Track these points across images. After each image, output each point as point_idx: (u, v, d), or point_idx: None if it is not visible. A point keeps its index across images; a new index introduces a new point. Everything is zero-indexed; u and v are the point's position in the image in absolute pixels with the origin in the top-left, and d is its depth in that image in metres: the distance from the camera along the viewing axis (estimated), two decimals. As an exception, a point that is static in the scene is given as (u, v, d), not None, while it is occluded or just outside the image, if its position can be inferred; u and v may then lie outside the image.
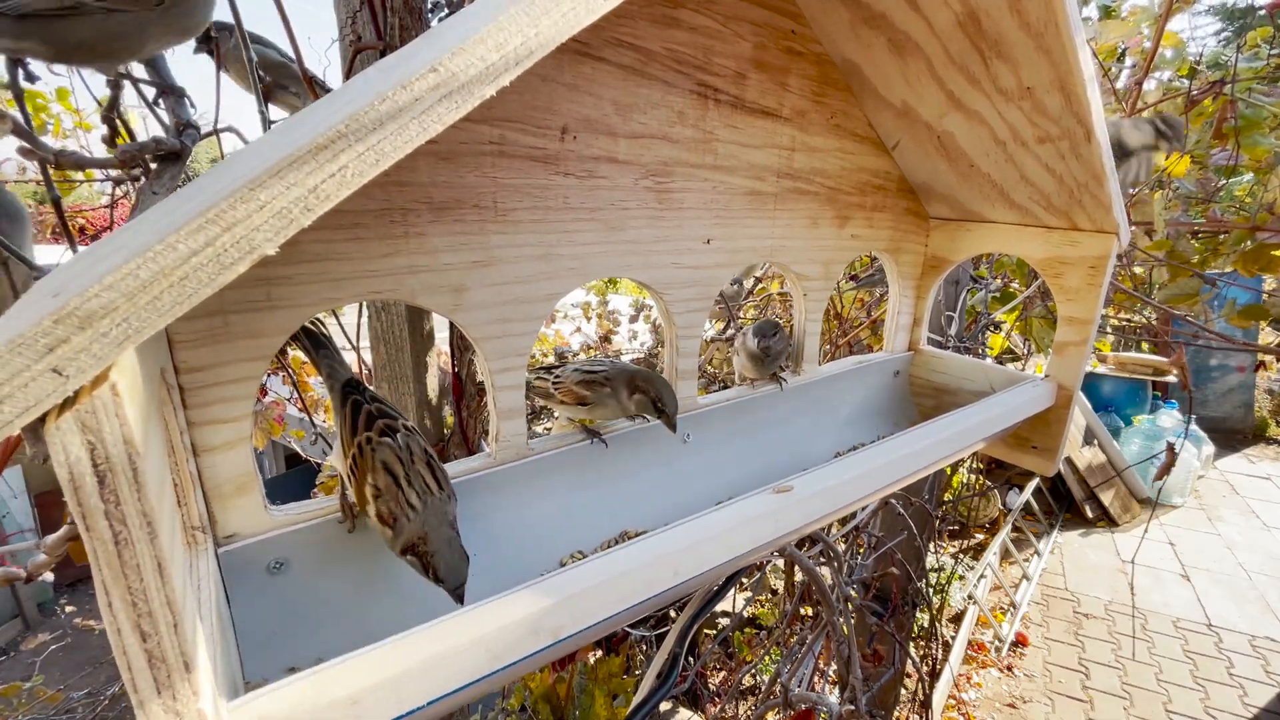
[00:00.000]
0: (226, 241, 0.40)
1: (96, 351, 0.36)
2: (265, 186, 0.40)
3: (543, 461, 1.07)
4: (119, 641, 0.42)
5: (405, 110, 0.44)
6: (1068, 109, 1.05)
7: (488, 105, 0.88)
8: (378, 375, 1.81)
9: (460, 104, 0.46)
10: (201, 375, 0.75)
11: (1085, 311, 1.37)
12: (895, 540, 3.29)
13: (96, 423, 0.38)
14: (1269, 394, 9.15)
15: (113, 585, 0.41)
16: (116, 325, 0.37)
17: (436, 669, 0.60)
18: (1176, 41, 2.51)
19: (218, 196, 0.40)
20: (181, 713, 0.46)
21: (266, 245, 0.41)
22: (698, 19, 1.04)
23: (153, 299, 0.38)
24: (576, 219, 1.01)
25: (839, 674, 2.61)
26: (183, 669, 0.45)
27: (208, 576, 0.69)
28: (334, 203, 0.43)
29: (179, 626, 0.44)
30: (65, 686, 2.75)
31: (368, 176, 0.44)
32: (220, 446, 0.78)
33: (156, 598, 0.43)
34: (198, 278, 0.39)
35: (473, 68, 0.46)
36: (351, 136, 0.42)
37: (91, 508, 0.39)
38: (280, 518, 0.84)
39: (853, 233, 1.45)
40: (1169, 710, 4.50)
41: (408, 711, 0.59)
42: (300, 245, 0.77)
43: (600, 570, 0.75)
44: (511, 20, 0.47)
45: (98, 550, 0.40)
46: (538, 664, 0.72)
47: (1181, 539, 6.49)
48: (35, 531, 5.95)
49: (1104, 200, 1.20)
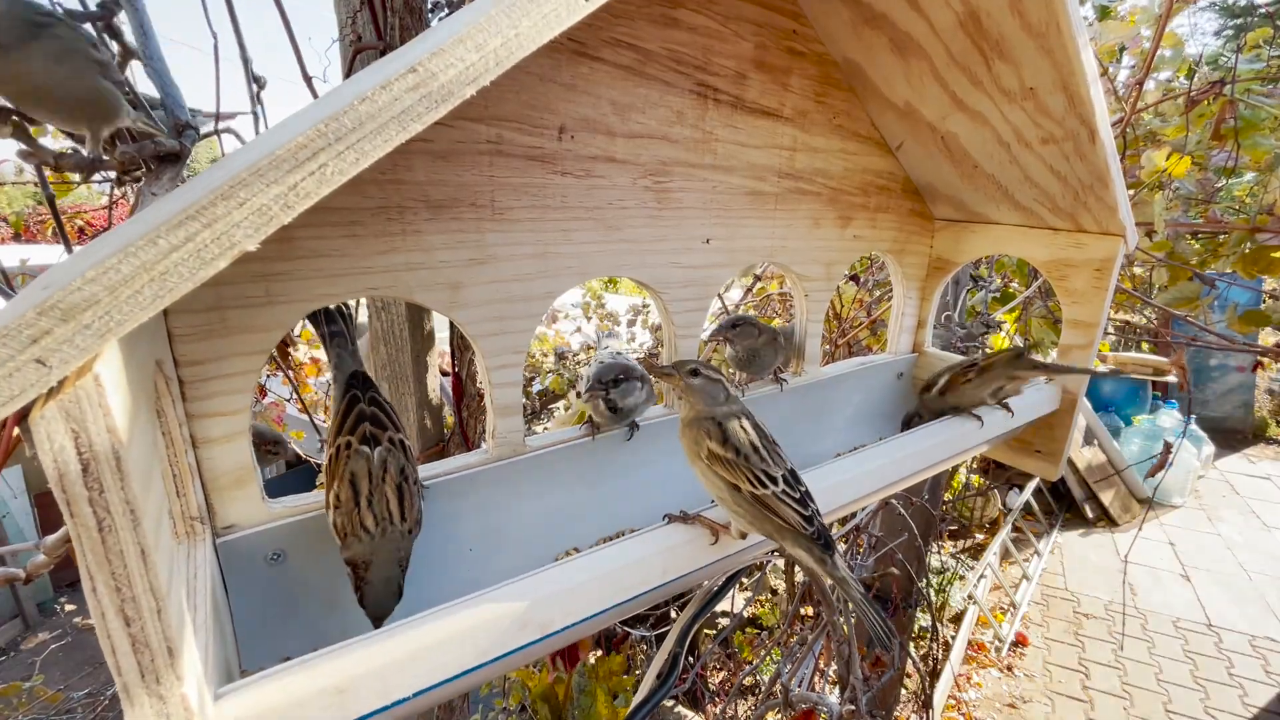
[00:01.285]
0: (207, 237, 0.41)
1: (79, 343, 0.37)
2: (245, 185, 0.41)
3: (539, 459, 1.07)
4: (103, 626, 0.43)
5: (384, 110, 0.45)
6: (1071, 110, 1.05)
7: (485, 104, 0.89)
8: (378, 375, 1.80)
9: (438, 104, 0.47)
10: (201, 369, 0.76)
11: (1090, 315, 1.36)
12: (896, 540, 3.29)
13: (80, 412, 0.39)
14: (1269, 394, 9.15)
15: (96, 571, 0.42)
16: (99, 318, 0.38)
17: (423, 661, 0.61)
18: (1176, 42, 2.51)
19: (200, 194, 0.41)
20: (165, 697, 0.46)
21: (247, 241, 0.42)
22: (697, 19, 1.04)
23: (134, 293, 0.39)
24: (574, 218, 1.01)
25: (839, 674, 2.60)
26: (166, 654, 0.45)
27: (204, 565, 0.70)
28: (314, 200, 0.44)
29: (163, 612, 0.45)
30: (65, 687, 2.74)
31: (348, 174, 0.45)
32: (219, 439, 0.79)
33: (140, 583, 0.43)
34: (178, 272, 0.40)
35: (452, 68, 0.47)
36: (330, 135, 0.43)
37: (75, 495, 0.40)
38: (278, 510, 0.85)
39: (855, 233, 1.45)
40: (1169, 710, 4.50)
41: (394, 702, 0.60)
42: (297, 242, 0.78)
43: (589, 566, 0.76)
44: (491, 21, 0.48)
45: (82, 536, 0.41)
46: (527, 658, 0.73)
47: (1181, 539, 6.49)
48: (35, 531, 5.95)
49: (1110, 202, 1.20)
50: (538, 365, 3.74)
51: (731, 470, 0.82)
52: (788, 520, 0.81)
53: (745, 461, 0.82)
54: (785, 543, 0.84)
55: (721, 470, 0.83)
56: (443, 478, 0.97)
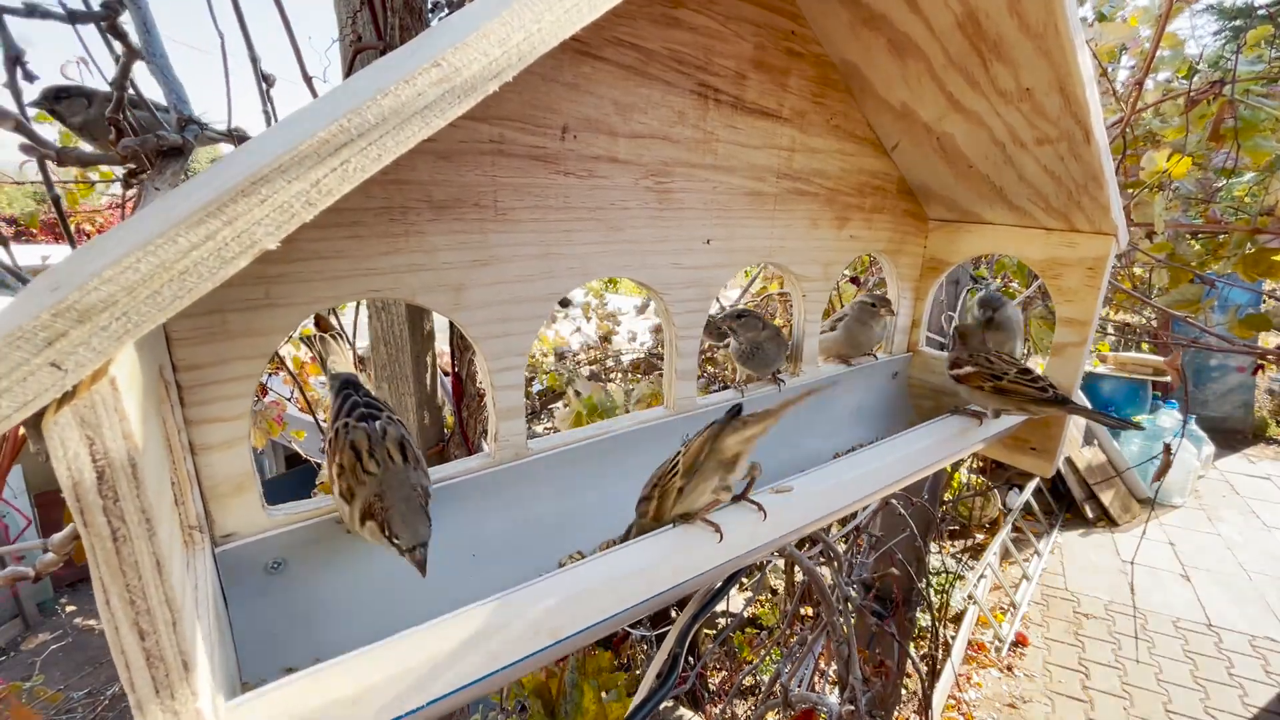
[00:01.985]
0: (228, 235, 0.39)
1: (96, 345, 0.36)
2: (268, 181, 0.40)
3: (542, 461, 1.07)
4: (116, 640, 0.42)
5: (407, 105, 0.43)
6: (1066, 110, 1.05)
7: (487, 104, 0.89)
8: (378, 375, 1.81)
9: (463, 99, 0.46)
10: (200, 373, 0.74)
11: (1083, 313, 1.37)
12: (896, 540, 3.29)
13: (95, 418, 0.38)
14: (1269, 394, 9.14)
15: (111, 583, 0.41)
16: (116, 319, 0.37)
17: (436, 669, 0.60)
18: (1175, 42, 2.51)
19: (219, 191, 0.40)
20: (179, 712, 0.45)
21: (267, 240, 0.41)
22: (698, 19, 1.04)
23: (153, 293, 0.38)
24: (577, 218, 1.01)
25: (839, 674, 2.61)
26: (181, 668, 0.45)
27: (204, 575, 0.69)
28: (335, 197, 0.43)
29: (178, 625, 0.44)
30: (65, 687, 2.74)
31: (369, 171, 0.44)
32: (218, 445, 0.77)
33: (155, 595, 0.42)
34: (198, 271, 0.39)
35: (475, 63, 0.46)
36: (353, 130, 0.42)
37: (90, 504, 0.39)
38: (278, 517, 0.84)
39: (852, 233, 1.46)
40: (1169, 710, 4.50)
41: (409, 711, 0.59)
42: (299, 243, 0.77)
43: (599, 571, 0.75)
44: (515, 15, 0.47)
45: (96, 547, 0.40)
46: (537, 664, 0.72)
47: (1181, 539, 6.49)
48: (36, 531, 5.95)
49: (1103, 201, 1.20)
50: (538, 365, 3.75)
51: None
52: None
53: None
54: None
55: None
56: (444, 482, 0.96)
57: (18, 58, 1.12)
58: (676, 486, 0.88)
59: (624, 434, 1.17)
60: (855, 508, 1.11)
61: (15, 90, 1.16)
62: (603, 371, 3.74)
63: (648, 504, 0.93)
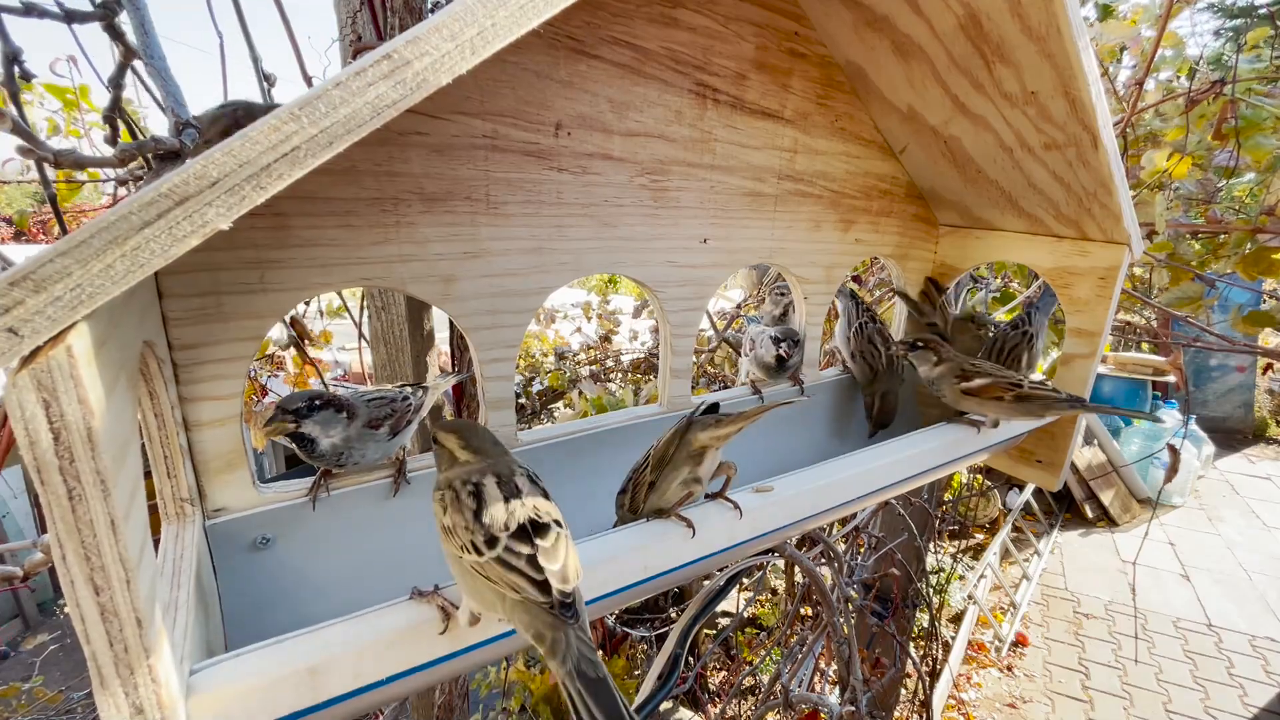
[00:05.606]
0: (179, 215, 0.42)
1: (51, 314, 0.38)
2: (217, 165, 0.42)
3: (533, 453, 1.08)
4: (72, 594, 0.43)
5: (357, 95, 0.46)
6: (1073, 115, 1.05)
7: (481, 99, 0.89)
8: (378, 375, 1.80)
9: (413, 91, 0.48)
10: (194, 352, 0.77)
11: (1094, 324, 1.34)
12: (896, 540, 3.29)
13: (52, 382, 0.39)
14: (1269, 394, 9.14)
15: (67, 539, 0.42)
16: (70, 290, 0.39)
17: (396, 646, 0.62)
18: (1176, 41, 2.50)
19: (176, 176, 0.42)
20: (134, 667, 0.46)
21: (219, 220, 0.43)
22: (697, 19, 1.04)
23: (106, 266, 0.40)
24: (570, 214, 1.02)
25: (839, 674, 2.61)
26: (135, 624, 0.46)
27: (191, 546, 0.71)
28: (288, 181, 0.45)
29: (131, 583, 0.45)
30: (66, 688, 2.74)
31: (321, 158, 0.46)
32: (210, 422, 0.80)
33: (109, 553, 0.44)
34: (150, 248, 0.41)
35: (426, 56, 0.47)
36: (304, 119, 0.44)
37: (47, 463, 0.40)
38: (269, 494, 0.86)
39: (858, 237, 1.45)
40: (1169, 710, 4.50)
41: (366, 686, 0.61)
42: (293, 231, 0.79)
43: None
44: (468, 11, 0.48)
45: (52, 505, 0.41)
46: (499, 652, 0.73)
47: (1181, 539, 6.49)
48: (36, 531, 5.95)
49: (1114, 209, 1.19)
50: (538, 365, 3.74)
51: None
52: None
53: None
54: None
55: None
56: (431, 469, 0.98)
57: (15, 56, 1.11)
58: (648, 480, 0.89)
59: (616, 428, 1.18)
60: (841, 512, 1.11)
61: (13, 90, 1.15)
62: (603, 371, 3.74)
63: (623, 497, 0.95)
